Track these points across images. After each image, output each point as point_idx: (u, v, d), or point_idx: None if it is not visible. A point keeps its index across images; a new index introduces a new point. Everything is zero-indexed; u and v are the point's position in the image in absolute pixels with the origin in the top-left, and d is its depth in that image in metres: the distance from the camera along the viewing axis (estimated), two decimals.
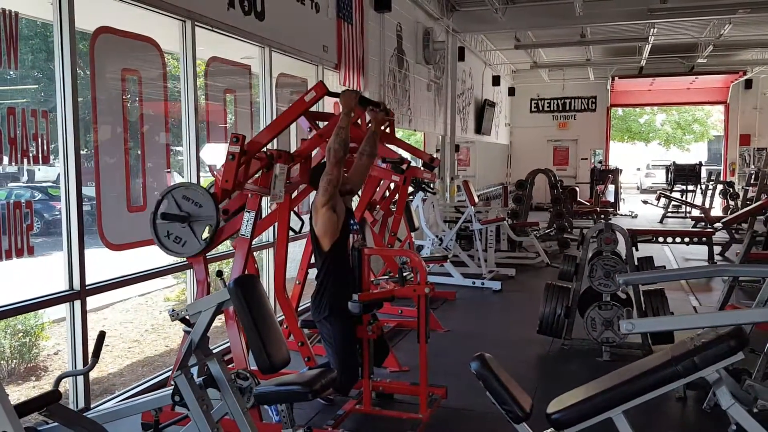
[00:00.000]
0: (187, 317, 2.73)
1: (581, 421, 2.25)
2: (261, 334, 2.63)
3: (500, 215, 9.32)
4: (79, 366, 3.67)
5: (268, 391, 2.79)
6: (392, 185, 6.18)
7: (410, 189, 7.09)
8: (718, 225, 10.30)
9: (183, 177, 4.88)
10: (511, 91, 18.87)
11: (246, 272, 3.72)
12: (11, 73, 3.60)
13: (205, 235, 3.64)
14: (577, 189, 13.79)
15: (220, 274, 2.86)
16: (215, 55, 5.19)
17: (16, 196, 8.84)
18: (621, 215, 16.02)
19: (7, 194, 9.20)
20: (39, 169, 9.92)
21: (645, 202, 16.50)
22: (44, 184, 10.13)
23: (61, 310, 3.79)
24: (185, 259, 4.08)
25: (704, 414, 3.93)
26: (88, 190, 3.89)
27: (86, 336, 3.73)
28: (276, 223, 4.58)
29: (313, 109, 6.76)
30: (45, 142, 3.45)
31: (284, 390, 2.79)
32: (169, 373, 4.12)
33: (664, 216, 14.81)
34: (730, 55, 15.79)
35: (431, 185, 8.11)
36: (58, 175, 3.72)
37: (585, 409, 2.26)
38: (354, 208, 5.12)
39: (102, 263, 4.40)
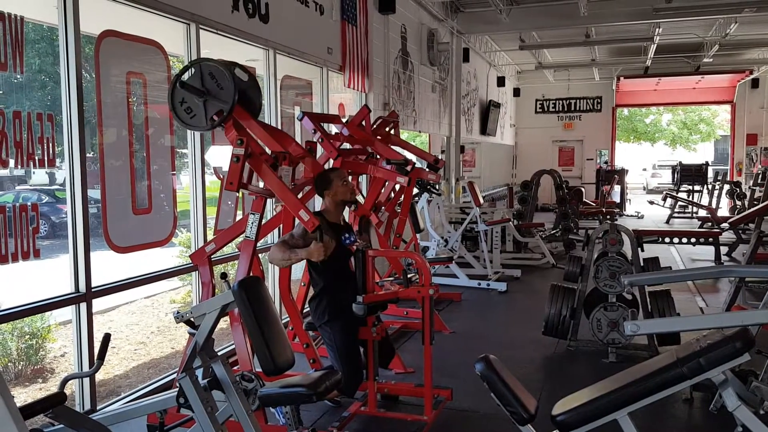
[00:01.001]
0: (192, 319, 2.73)
1: (586, 423, 2.24)
2: (265, 336, 2.63)
3: (505, 216, 9.31)
4: (85, 368, 3.69)
5: (272, 393, 2.80)
6: (397, 187, 6.17)
7: (415, 190, 7.09)
8: (724, 225, 10.26)
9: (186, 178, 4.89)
10: (516, 92, 18.84)
11: (251, 274, 3.72)
12: (18, 77, 3.61)
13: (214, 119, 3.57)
14: (583, 190, 13.76)
15: (224, 276, 2.86)
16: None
17: (23, 199, 8.89)
18: (627, 216, 15.97)
19: (15, 197, 9.25)
20: (47, 172, 9.97)
21: (651, 203, 16.43)
22: (52, 187, 10.17)
23: (68, 312, 3.81)
24: (190, 261, 4.09)
25: (711, 415, 3.89)
26: (94, 193, 3.90)
27: (92, 338, 3.75)
28: (281, 225, 4.59)
29: (317, 110, 6.81)
30: (51, 145, 3.46)
31: (288, 392, 2.79)
32: (175, 374, 4.12)
33: (671, 216, 14.75)
34: (736, 55, 15.72)
35: (436, 186, 8.10)
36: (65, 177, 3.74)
37: (590, 411, 2.25)
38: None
39: (108, 266, 4.42)
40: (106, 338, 2.68)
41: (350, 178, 4.26)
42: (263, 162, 3.58)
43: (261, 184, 3.84)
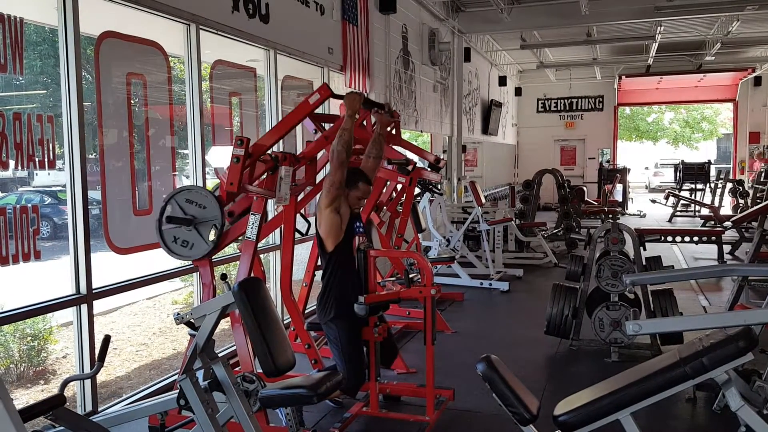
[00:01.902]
0: (192, 321, 2.72)
1: (589, 423, 2.23)
2: (265, 337, 2.62)
3: (507, 215, 9.30)
4: (87, 369, 3.69)
5: (273, 394, 2.79)
6: (399, 186, 6.17)
7: (417, 190, 7.08)
8: (727, 224, 10.23)
9: (189, 179, 4.88)
10: (518, 91, 18.82)
11: (252, 275, 3.72)
12: (19, 78, 3.61)
13: (212, 237, 3.64)
14: (585, 189, 13.74)
15: (224, 277, 2.86)
16: (220, 58, 5.20)
17: (25, 201, 8.90)
18: (629, 215, 15.94)
19: (17, 199, 9.26)
20: (49, 173, 9.97)
21: (653, 202, 16.42)
22: (53, 188, 10.18)
23: (69, 313, 3.81)
24: (191, 262, 4.09)
25: (714, 415, 3.89)
26: (95, 194, 3.90)
27: (93, 340, 3.74)
28: (282, 226, 4.58)
29: (319, 110, 6.80)
30: (51, 146, 3.46)
31: (289, 393, 2.78)
32: (176, 376, 4.12)
33: (673, 215, 14.73)
34: (738, 53, 15.69)
35: (438, 186, 8.10)
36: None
37: (593, 411, 2.24)
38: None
39: (109, 267, 4.42)
40: (106, 340, 2.67)
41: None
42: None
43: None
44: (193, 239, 3.60)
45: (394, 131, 6.26)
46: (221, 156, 5.13)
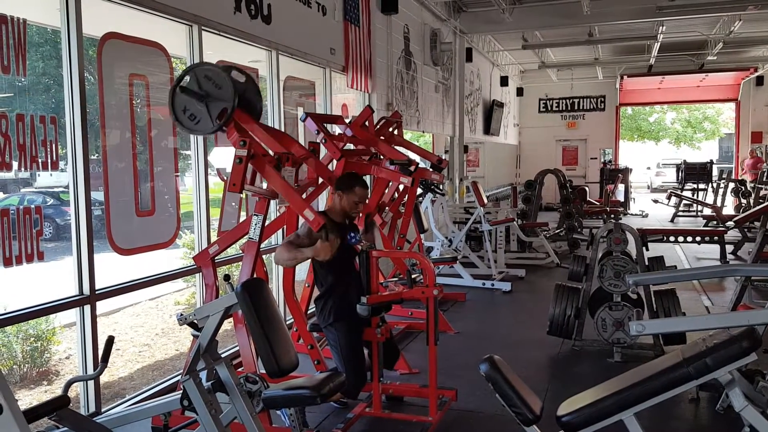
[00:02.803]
0: (195, 321, 2.73)
1: (592, 424, 2.23)
2: (268, 338, 2.62)
3: (509, 216, 9.29)
4: (90, 370, 3.69)
5: (276, 395, 2.79)
6: (401, 187, 6.17)
7: (419, 190, 7.08)
8: (730, 224, 10.21)
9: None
10: (520, 92, 18.82)
11: (254, 276, 3.72)
12: (21, 80, 3.62)
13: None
14: (587, 189, 13.74)
15: (227, 278, 2.86)
16: (222, 59, 5.19)
17: (28, 202, 8.91)
18: (631, 215, 15.92)
19: (20, 200, 9.27)
20: (51, 174, 9.99)
21: (655, 202, 16.39)
22: (56, 189, 10.19)
23: (72, 314, 3.81)
24: (194, 262, 4.09)
25: (717, 416, 3.88)
26: (98, 195, 3.91)
27: (96, 340, 3.75)
28: (284, 226, 4.59)
29: (320, 111, 6.81)
30: (54, 148, 3.47)
31: (292, 394, 2.78)
32: (180, 376, 4.12)
33: (675, 215, 14.70)
34: (740, 52, 15.67)
35: (440, 186, 8.10)
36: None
37: (596, 411, 2.24)
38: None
39: (112, 268, 4.43)
40: (110, 341, 2.68)
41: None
42: (267, 163, 3.58)
43: (264, 185, 3.84)
44: (200, 115, 3.55)
45: (396, 131, 6.28)
46: (224, 156, 5.14)
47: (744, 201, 13.76)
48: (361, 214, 4.62)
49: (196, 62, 3.62)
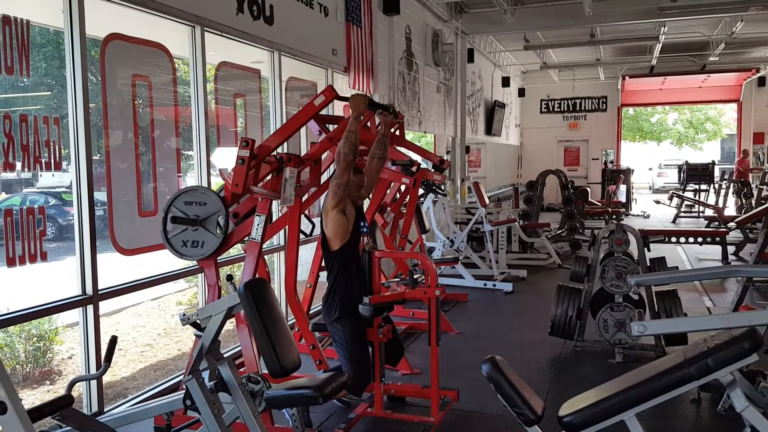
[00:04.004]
0: (198, 321, 2.74)
1: (593, 424, 2.23)
2: (271, 338, 2.63)
3: (511, 216, 9.29)
4: (93, 370, 3.70)
5: (278, 395, 2.80)
6: (403, 187, 6.18)
7: (421, 191, 7.08)
8: (731, 225, 10.19)
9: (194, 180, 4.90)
10: (521, 92, 18.82)
11: (257, 276, 3.73)
12: (24, 80, 3.63)
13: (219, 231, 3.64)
14: (589, 189, 13.71)
15: (230, 278, 2.87)
16: (225, 59, 5.21)
17: (30, 202, 8.93)
18: (633, 215, 15.92)
19: (22, 200, 9.29)
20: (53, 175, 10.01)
21: (657, 202, 16.38)
22: (58, 189, 10.21)
23: (75, 314, 3.82)
24: (197, 263, 4.10)
25: (719, 416, 3.87)
26: (100, 195, 3.92)
27: (99, 340, 3.76)
28: (287, 227, 4.59)
29: (323, 112, 6.81)
30: (57, 148, 3.48)
31: (295, 394, 2.79)
32: (182, 376, 4.13)
33: (677, 216, 14.69)
34: (742, 53, 15.66)
35: (441, 187, 8.10)
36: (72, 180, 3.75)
37: (597, 412, 2.24)
38: (365, 211, 5.14)
39: (114, 268, 4.44)
40: (113, 341, 2.68)
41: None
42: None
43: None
44: (201, 237, 3.61)
45: (398, 132, 6.28)
46: (226, 157, 5.14)
47: (746, 202, 13.74)
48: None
49: (168, 199, 3.71)
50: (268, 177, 3.96)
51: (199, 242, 3.63)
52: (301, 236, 4.49)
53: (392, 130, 6.22)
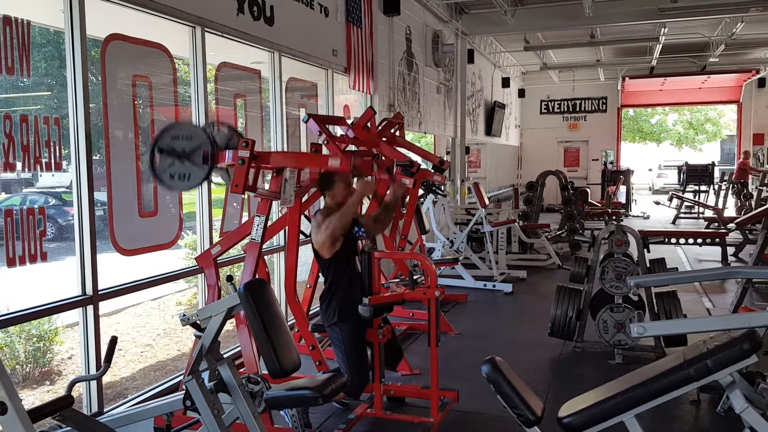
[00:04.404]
0: (198, 322, 2.74)
1: (593, 425, 2.24)
2: (271, 338, 2.63)
3: (511, 217, 9.29)
4: (93, 370, 3.70)
5: (278, 395, 2.80)
6: None
7: (421, 192, 7.09)
8: (731, 226, 10.21)
9: None
10: (521, 93, 18.82)
11: (256, 276, 3.73)
12: (24, 80, 3.63)
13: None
14: (588, 190, 13.72)
15: (230, 278, 2.87)
16: (225, 60, 5.22)
17: (30, 202, 8.93)
18: (633, 216, 15.92)
19: (22, 200, 9.29)
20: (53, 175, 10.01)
21: (657, 203, 16.39)
22: (57, 190, 10.22)
23: (75, 314, 3.82)
24: (197, 263, 4.10)
25: (718, 417, 3.88)
26: (100, 195, 3.92)
27: (99, 340, 3.76)
28: (286, 227, 4.60)
29: (322, 112, 6.82)
30: (57, 148, 3.48)
31: (294, 395, 2.79)
32: (181, 377, 4.14)
33: (677, 217, 14.70)
34: (742, 54, 15.67)
35: (441, 188, 8.11)
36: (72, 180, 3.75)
37: (597, 413, 2.24)
38: (365, 211, 5.14)
39: (114, 268, 4.44)
40: (113, 341, 2.69)
41: (355, 181, 4.26)
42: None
43: (266, 186, 3.85)
44: (188, 170, 3.57)
45: (398, 132, 6.28)
46: (225, 157, 5.14)
47: (746, 203, 13.74)
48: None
49: (156, 134, 3.68)
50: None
51: (186, 174, 3.59)
52: (301, 237, 4.49)
53: (392, 130, 6.24)
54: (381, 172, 5.16)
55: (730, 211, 14.19)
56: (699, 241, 9.46)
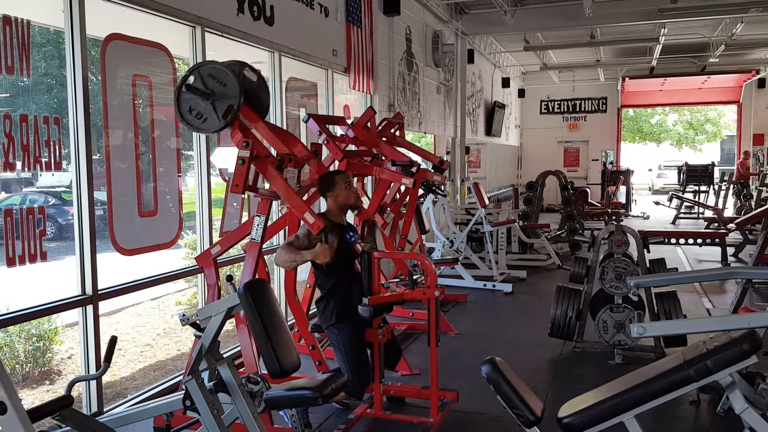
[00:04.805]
0: (198, 322, 2.74)
1: (593, 426, 2.24)
2: (271, 338, 2.63)
3: (511, 217, 9.29)
4: (92, 370, 3.70)
5: (278, 395, 2.80)
6: (402, 188, 6.18)
7: (420, 191, 7.09)
8: (731, 226, 10.21)
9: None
10: (521, 93, 18.83)
11: (256, 276, 3.73)
12: (24, 80, 3.63)
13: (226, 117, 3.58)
14: (588, 190, 13.73)
15: (230, 278, 2.87)
16: (225, 60, 5.21)
17: (30, 201, 8.93)
18: (632, 216, 15.92)
19: (22, 199, 9.29)
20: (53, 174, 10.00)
21: (657, 203, 16.38)
22: (57, 189, 10.21)
23: (75, 314, 3.82)
24: (197, 263, 4.10)
25: (718, 418, 3.88)
26: (100, 195, 3.92)
27: (99, 340, 3.76)
28: (286, 227, 4.59)
29: (322, 112, 6.82)
30: (57, 148, 3.48)
31: (294, 395, 2.79)
32: (181, 376, 4.13)
33: (677, 217, 14.70)
34: (742, 54, 15.67)
35: (441, 188, 8.11)
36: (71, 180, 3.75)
37: (596, 413, 2.24)
38: (365, 210, 5.14)
39: (114, 268, 4.44)
40: (113, 341, 2.68)
41: (355, 181, 4.26)
42: (269, 164, 3.59)
43: (267, 186, 3.85)
44: (207, 113, 3.53)
45: (398, 132, 6.28)
46: (226, 157, 5.14)
47: (746, 203, 13.74)
48: (359, 211, 4.65)
49: (200, 61, 3.61)
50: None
51: (203, 116, 3.55)
52: None
53: (392, 130, 6.23)
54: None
55: (729, 212, 14.20)
56: (699, 241, 9.46)
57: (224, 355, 2.76)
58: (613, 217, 12.37)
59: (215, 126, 3.57)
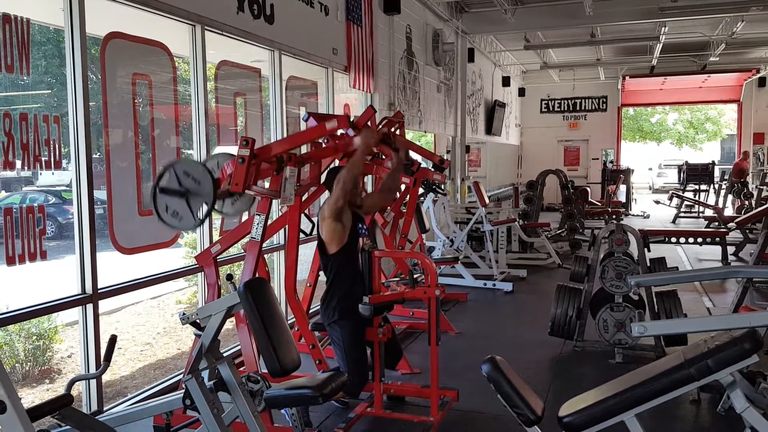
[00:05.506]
0: (198, 321, 2.73)
1: (593, 425, 2.23)
2: (271, 337, 2.63)
3: (511, 216, 9.29)
4: (92, 368, 3.70)
5: (278, 394, 2.79)
6: (402, 187, 6.17)
7: (421, 190, 7.08)
8: (731, 225, 10.20)
9: None
10: (522, 92, 18.81)
11: (256, 275, 3.73)
12: (24, 78, 3.63)
13: (201, 215, 3.61)
14: (588, 189, 13.73)
15: (230, 277, 2.86)
16: (225, 58, 5.21)
17: (30, 200, 8.93)
18: (633, 215, 15.92)
19: (22, 198, 9.29)
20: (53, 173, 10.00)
21: (657, 202, 16.37)
22: (57, 188, 10.21)
23: (75, 313, 3.82)
24: (197, 262, 4.10)
25: (718, 417, 3.87)
26: (100, 194, 3.92)
27: (99, 339, 3.76)
28: (286, 226, 4.59)
29: (322, 111, 6.81)
30: (57, 147, 3.47)
31: (294, 393, 2.78)
32: (181, 375, 4.13)
33: (677, 216, 14.69)
34: (742, 53, 15.66)
35: (441, 186, 8.10)
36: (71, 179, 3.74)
37: (597, 412, 2.24)
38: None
39: (114, 267, 4.43)
40: (113, 340, 2.68)
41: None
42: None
43: (266, 185, 3.84)
44: (183, 212, 3.58)
45: (398, 131, 6.27)
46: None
47: (746, 202, 13.74)
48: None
49: (174, 160, 3.67)
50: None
51: (179, 215, 3.58)
52: (301, 235, 4.49)
53: (392, 129, 6.22)
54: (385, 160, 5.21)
55: (730, 211, 14.19)
56: (699, 240, 9.45)
57: (224, 354, 2.76)
58: (614, 216, 12.36)
59: (190, 225, 3.61)
